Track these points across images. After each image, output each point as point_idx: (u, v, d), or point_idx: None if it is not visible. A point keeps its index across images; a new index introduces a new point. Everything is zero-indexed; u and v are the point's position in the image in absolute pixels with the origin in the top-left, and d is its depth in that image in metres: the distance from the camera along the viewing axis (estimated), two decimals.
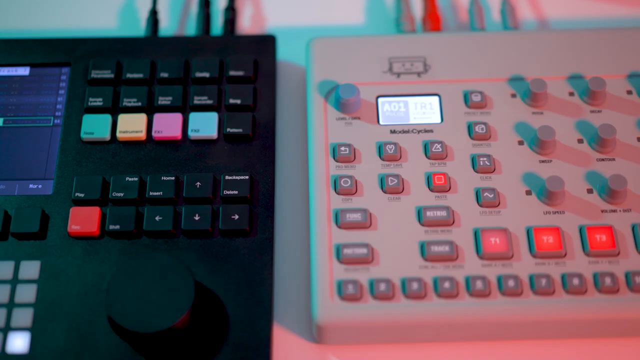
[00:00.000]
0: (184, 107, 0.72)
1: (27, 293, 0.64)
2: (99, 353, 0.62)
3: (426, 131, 0.69)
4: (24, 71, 0.74)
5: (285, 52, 0.77)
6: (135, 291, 0.61)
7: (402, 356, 0.63)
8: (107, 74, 0.73)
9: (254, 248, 0.66)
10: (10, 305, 0.63)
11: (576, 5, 0.80)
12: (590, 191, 0.65)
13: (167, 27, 0.80)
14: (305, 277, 0.67)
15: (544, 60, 0.71)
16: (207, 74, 0.72)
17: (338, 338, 0.63)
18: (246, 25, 0.80)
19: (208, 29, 0.77)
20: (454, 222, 0.65)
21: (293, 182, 0.71)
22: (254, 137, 0.70)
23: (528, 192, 0.66)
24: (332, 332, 0.62)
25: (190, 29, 0.80)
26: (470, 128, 0.68)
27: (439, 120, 0.69)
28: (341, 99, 0.69)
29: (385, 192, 0.66)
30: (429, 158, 0.67)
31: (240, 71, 0.73)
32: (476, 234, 0.64)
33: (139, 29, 0.80)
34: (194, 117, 0.71)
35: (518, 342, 0.63)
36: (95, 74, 0.73)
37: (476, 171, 0.67)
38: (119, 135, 0.70)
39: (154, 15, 0.78)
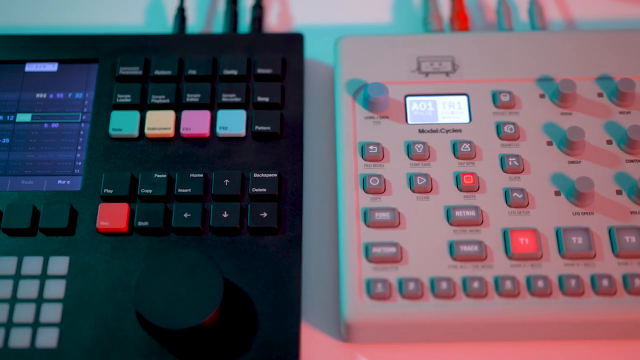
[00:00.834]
0: (212, 105, 0.72)
1: (56, 288, 0.64)
2: (127, 349, 0.62)
3: (454, 131, 0.68)
4: (52, 67, 0.74)
5: (311, 51, 0.77)
6: (164, 288, 0.61)
7: (430, 356, 0.63)
8: (135, 71, 0.73)
9: (282, 246, 0.66)
10: (40, 300, 0.64)
11: (603, 5, 0.80)
12: (619, 192, 0.65)
13: (194, 24, 0.80)
14: (333, 276, 0.67)
15: (572, 60, 0.71)
16: (235, 72, 0.72)
17: (366, 337, 0.63)
18: (273, 23, 0.80)
19: (235, 27, 0.77)
20: (482, 222, 0.65)
21: (320, 180, 0.71)
22: (282, 135, 0.70)
23: (557, 193, 0.65)
24: (361, 331, 0.62)
25: (217, 26, 0.80)
26: (498, 128, 0.68)
27: (467, 120, 0.69)
28: (370, 98, 0.69)
29: (413, 191, 0.66)
30: (457, 158, 0.67)
31: (268, 69, 0.73)
32: (505, 234, 0.64)
33: (166, 26, 0.80)
34: (222, 114, 0.71)
35: (546, 342, 0.63)
36: (124, 70, 0.73)
37: (505, 171, 0.66)
38: (147, 132, 0.70)
39: (181, 13, 0.78)
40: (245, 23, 0.79)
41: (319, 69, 0.77)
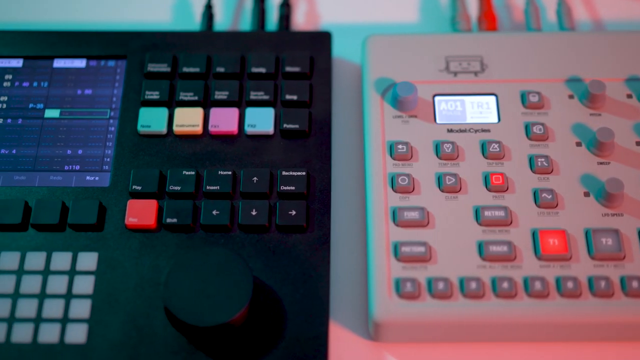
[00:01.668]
0: (240, 102, 0.72)
1: (85, 284, 0.64)
2: (155, 346, 0.62)
3: (483, 130, 0.68)
4: (80, 63, 0.74)
5: (338, 49, 0.77)
6: (193, 285, 0.61)
7: (458, 355, 0.63)
8: (164, 68, 0.73)
9: (311, 244, 0.66)
10: (69, 296, 0.64)
11: (631, 6, 0.80)
12: None
13: (222, 21, 0.80)
14: (360, 274, 0.67)
15: (601, 61, 0.71)
16: (263, 70, 0.73)
17: (395, 336, 0.63)
18: (300, 21, 0.80)
19: (263, 25, 0.77)
20: (511, 222, 0.64)
21: (347, 179, 0.71)
22: (310, 133, 0.70)
23: (586, 194, 0.65)
24: (390, 330, 0.62)
25: (244, 24, 0.80)
26: (527, 128, 0.68)
27: (496, 120, 0.69)
28: (399, 97, 0.69)
29: (442, 190, 0.66)
30: (486, 158, 0.67)
31: (296, 67, 0.73)
32: (534, 234, 0.64)
33: (193, 23, 0.80)
34: (250, 112, 0.71)
35: (575, 344, 0.63)
36: (152, 67, 0.73)
37: (534, 172, 0.66)
38: (175, 128, 0.70)
39: (209, 10, 0.78)
40: (272, 21, 0.79)
41: (346, 67, 0.76)
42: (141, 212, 0.66)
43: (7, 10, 0.81)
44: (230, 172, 0.68)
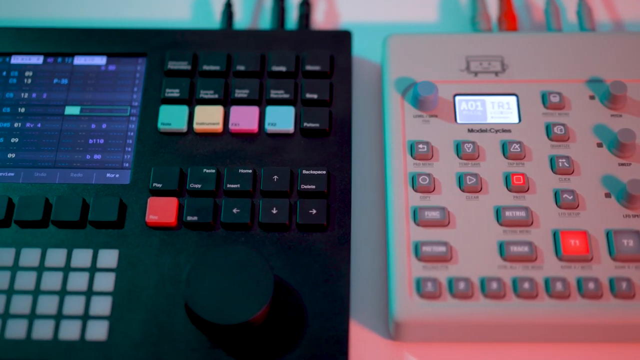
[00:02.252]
0: (260, 101, 0.72)
1: (105, 281, 0.64)
2: (176, 343, 0.62)
3: (504, 131, 0.68)
4: (100, 60, 0.74)
5: (357, 48, 0.77)
6: (214, 282, 0.61)
7: (477, 355, 0.63)
8: (184, 66, 0.73)
9: (331, 243, 0.66)
10: (89, 293, 0.64)
11: None
12: None
13: (241, 20, 0.80)
14: (379, 273, 0.67)
15: (622, 62, 0.71)
16: (283, 68, 0.73)
17: (415, 335, 0.63)
18: (319, 20, 0.80)
19: (283, 23, 0.77)
20: (532, 222, 0.64)
21: (366, 178, 0.71)
22: (330, 132, 0.70)
23: (607, 195, 0.65)
24: (410, 329, 0.62)
25: (264, 22, 0.80)
26: (548, 129, 0.68)
27: (516, 120, 0.69)
28: (420, 97, 0.69)
29: (463, 190, 0.66)
30: (507, 158, 0.67)
31: (316, 66, 0.73)
32: (555, 235, 0.64)
33: (212, 21, 0.80)
34: (270, 110, 0.71)
35: (596, 345, 0.63)
36: (172, 65, 0.73)
37: (555, 172, 0.66)
38: (195, 126, 0.70)
39: (229, 8, 0.78)
40: (291, 19, 0.79)
41: (365, 66, 0.76)
42: (162, 210, 0.67)
43: (27, 7, 0.81)
44: (250, 171, 0.68)
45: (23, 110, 0.72)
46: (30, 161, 0.69)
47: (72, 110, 0.72)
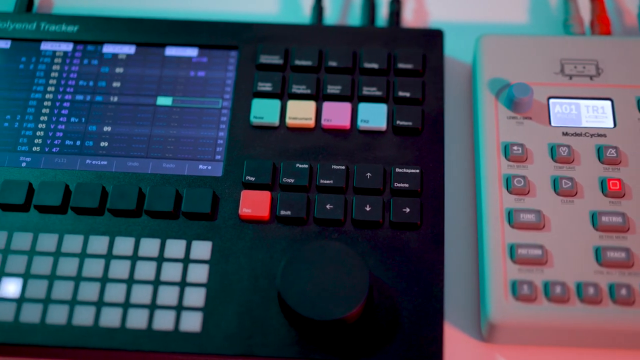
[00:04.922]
0: (352, 97, 0.72)
1: (199, 273, 0.64)
2: (269, 337, 0.62)
3: (599, 135, 0.68)
4: (192, 52, 0.74)
5: (447, 48, 0.77)
6: (309, 278, 0.61)
7: None
8: (276, 60, 0.73)
9: (425, 242, 0.65)
10: (183, 284, 0.64)
11: None
12: None
13: (330, 16, 0.80)
14: (471, 274, 0.67)
15: None
16: (375, 65, 0.72)
17: (508, 338, 0.63)
18: (408, 18, 0.80)
19: (373, 20, 0.77)
20: (629, 229, 0.64)
21: (458, 177, 0.71)
22: (422, 131, 0.70)
23: None
24: (505, 331, 0.62)
25: (353, 18, 0.80)
26: None
27: (611, 125, 0.68)
28: (515, 98, 0.68)
29: (558, 194, 0.65)
30: (602, 162, 0.67)
31: (409, 64, 0.72)
32: None
33: (301, 16, 0.80)
34: (363, 107, 0.71)
35: None
36: (264, 59, 0.73)
37: None
38: (288, 121, 0.70)
39: (319, 3, 0.78)
40: (381, 16, 0.79)
41: (454, 65, 0.76)
42: (255, 204, 0.67)
43: None
44: (343, 167, 0.68)
45: (116, 99, 0.72)
46: (122, 150, 0.70)
47: (164, 100, 0.72)
